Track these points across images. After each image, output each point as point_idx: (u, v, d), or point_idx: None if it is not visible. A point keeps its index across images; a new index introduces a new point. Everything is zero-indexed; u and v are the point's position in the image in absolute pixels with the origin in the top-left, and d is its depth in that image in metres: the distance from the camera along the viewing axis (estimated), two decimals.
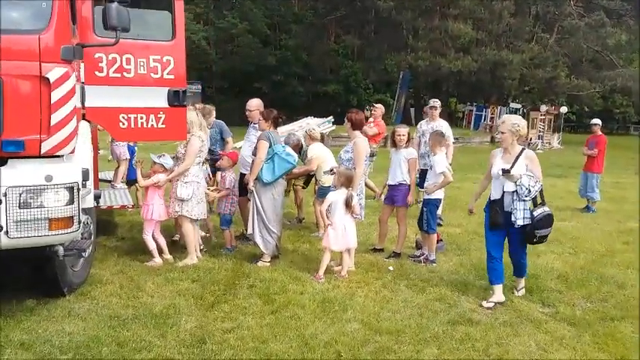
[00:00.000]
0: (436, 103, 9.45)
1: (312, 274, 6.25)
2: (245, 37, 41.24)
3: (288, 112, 9.56)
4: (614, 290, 6.16)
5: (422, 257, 7.06)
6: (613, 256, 7.62)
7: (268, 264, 6.63)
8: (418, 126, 9.53)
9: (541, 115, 31.95)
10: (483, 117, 37.46)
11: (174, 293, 5.53)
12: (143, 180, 6.64)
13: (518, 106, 35.61)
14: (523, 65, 37.11)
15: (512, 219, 5.40)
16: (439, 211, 8.32)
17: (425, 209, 6.97)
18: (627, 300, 5.86)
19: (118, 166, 9.40)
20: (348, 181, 6.37)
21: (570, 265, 7.08)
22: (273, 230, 6.70)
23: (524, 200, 5.37)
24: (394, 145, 7.21)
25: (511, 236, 5.62)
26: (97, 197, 7.24)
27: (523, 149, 5.50)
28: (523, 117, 6.66)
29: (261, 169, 6.60)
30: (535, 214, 5.39)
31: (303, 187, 9.16)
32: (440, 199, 7.23)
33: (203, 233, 7.56)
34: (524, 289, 5.93)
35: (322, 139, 9.00)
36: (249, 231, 6.79)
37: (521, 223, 5.40)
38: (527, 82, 40.33)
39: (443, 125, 9.01)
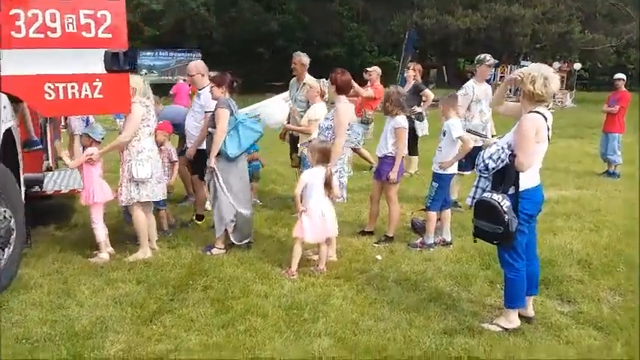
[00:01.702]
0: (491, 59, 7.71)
1: (284, 267, 5.25)
2: (246, 1, 39.80)
3: (289, 78, 8.19)
4: None
5: (418, 242, 6.06)
6: None
7: (224, 251, 5.76)
8: (467, 88, 7.45)
9: (553, 72, 30.49)
10: (493, 76, 35.98)
11: (111, 300, 4.52)
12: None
13: (529, 63, 34.02)
14: (535, 20, 35.43)
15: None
16: (455, 196, 7.20)
17: (434, 184, 5.93)
18: None
19: (73, 142, 8.35)
20: (324, 157, 5.25)
21: (592, 246, 6.02)
22: (243, 212, 5.74)
23: (483, 176, 4.14)
24: (385, 112, 6.16)
25: None
26: (38, 182, 6.31)
27: (530, 112, 4.08)
28: None
29: (224, 141, 5.59)
30: (478, 196, 4.12)
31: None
32: (453, 174, 6.12)
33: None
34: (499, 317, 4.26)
35: None
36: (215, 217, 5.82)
37: (468, 202, 4.26)
38: (539, 38, 38.52)
39: (488, 88, 7.68)
